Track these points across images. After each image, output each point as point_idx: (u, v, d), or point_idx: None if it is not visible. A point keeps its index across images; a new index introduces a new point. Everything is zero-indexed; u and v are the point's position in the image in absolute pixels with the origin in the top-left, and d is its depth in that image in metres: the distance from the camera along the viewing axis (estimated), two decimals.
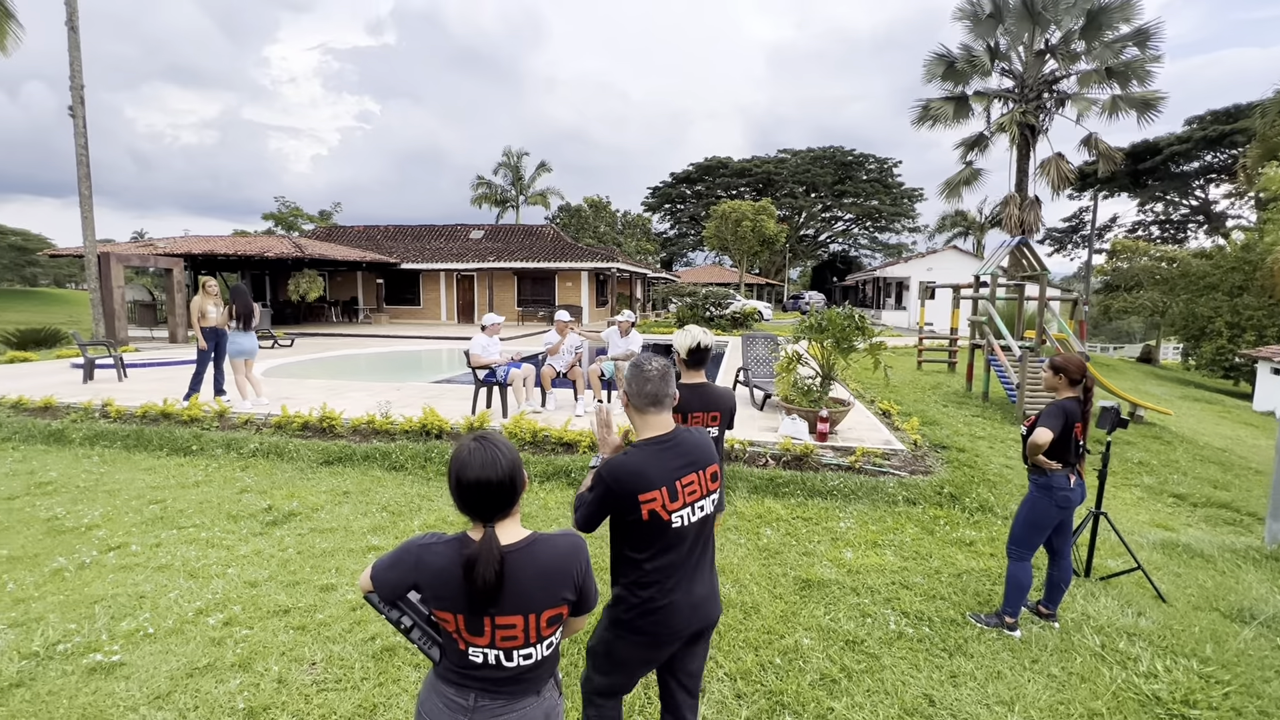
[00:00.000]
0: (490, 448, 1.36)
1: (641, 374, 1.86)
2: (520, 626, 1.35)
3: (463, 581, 1.31)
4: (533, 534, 1.41)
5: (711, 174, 58.04)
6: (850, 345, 6.25)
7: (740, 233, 35.93)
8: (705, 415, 2.94)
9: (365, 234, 28.47)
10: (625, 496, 1.73)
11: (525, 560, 1.36)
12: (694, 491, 1.81)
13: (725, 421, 2.98)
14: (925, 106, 20.43)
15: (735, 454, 5.69)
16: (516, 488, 1.38)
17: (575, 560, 1.43)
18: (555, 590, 1.38)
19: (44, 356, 12.50)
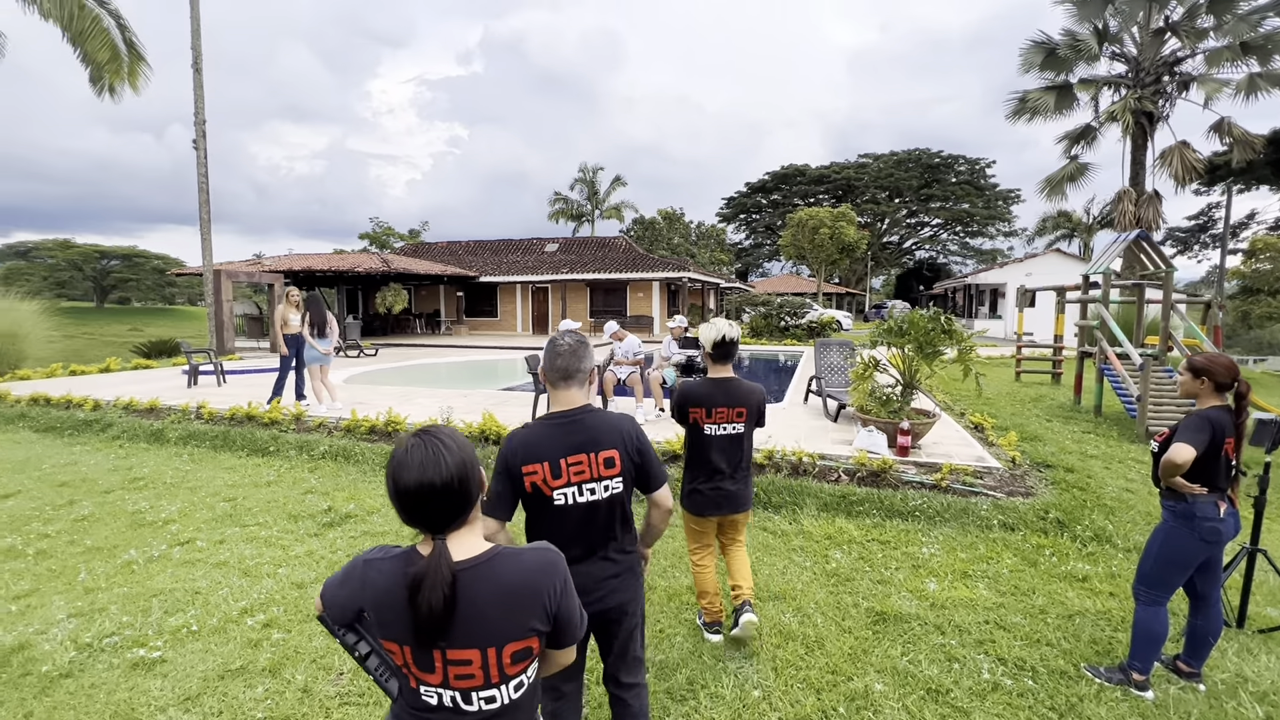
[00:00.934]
0: (432, 444, 1.13)
1: (554, 348, 1.85)
2: (477, 663, 1.11)
3: (407, 606, 1.08)
4: (495, 548, 1.18)
5: (788, 182, 56.79)
6: (935, 350, 5.64)
7: (818, 240, 34.71)
8: (730, 411, 2.83)
9: (448, 249, 29.79)
10: (513, 467, 1.73)
11: (483, 580, 1.12)
12: (581, 472, 1.76)
13: (753, 418, 2.90)
14: (1022, 99, 18.91)
15: (804, 468, 5.23)
16: (467, 492, 1.14)
17: (547, 580, 1.18)
18: (521, 618, 1.14)
19: (163, 364, 13.71)
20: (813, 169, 55.94)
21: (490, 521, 1.77)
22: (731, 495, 2.91)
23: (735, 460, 2.90)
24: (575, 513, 1.77)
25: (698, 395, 2.89)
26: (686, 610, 3.31)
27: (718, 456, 2.86)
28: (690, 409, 2.86)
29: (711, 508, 2.91)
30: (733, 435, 2.87)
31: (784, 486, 4.96)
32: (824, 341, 8.02)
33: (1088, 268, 9.29)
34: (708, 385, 2.91)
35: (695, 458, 2.91)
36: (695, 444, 2.90)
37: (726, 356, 2.93)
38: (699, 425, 2.86)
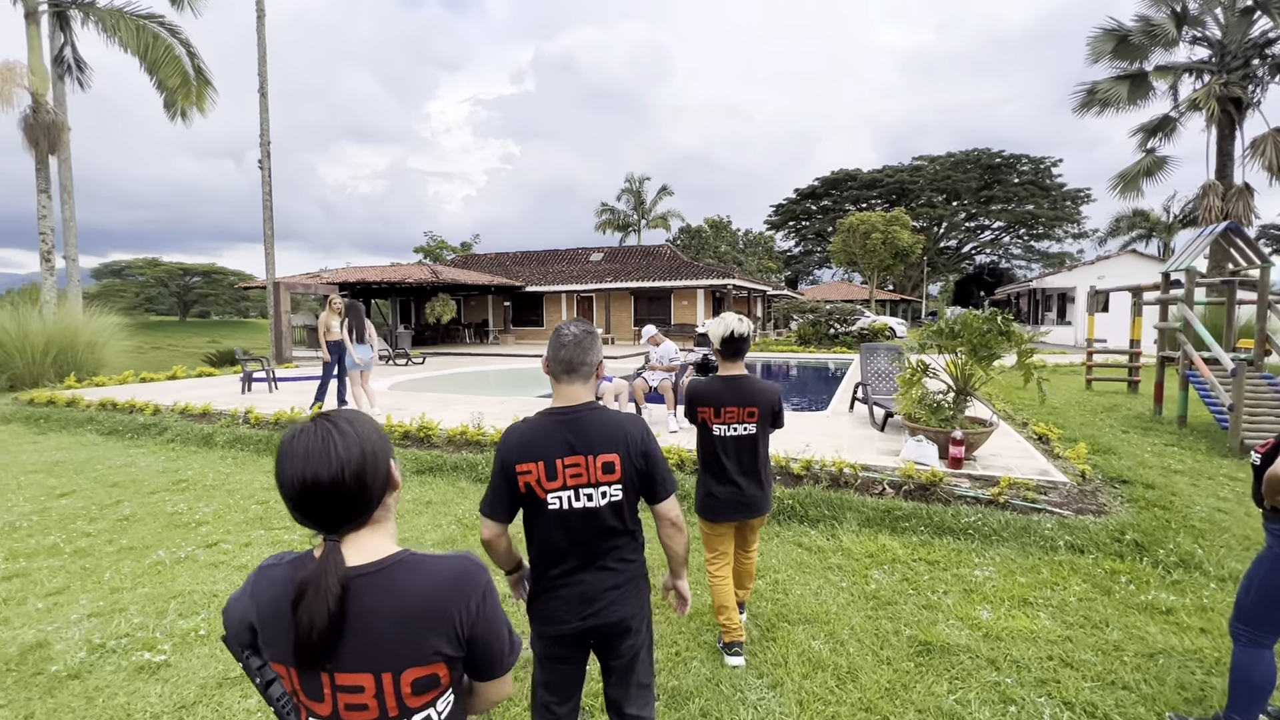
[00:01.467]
0: (324, 431, 0.96)
1: (558, 337, 1.71)
2: (370, 690, 0.93)
3: (291, 619, 0.91)
4: (401, 553, 0.99)
5: (838, 187, 55.48)
6: (991, 353, 5.19)
7: (870, 246, 33.62)
8: (740, 411, 2.70)
9: (496, 260, 30.40)
10: (508, 465, 1.62)
11: (379, 591, 0.94)
12: (577, 475, 1.61)
13: (766, 419, 2.75)
14: (1091, 90, 17.80)
15: (845, 479, 4.88)
16: (363, 488, 0.96)
17: (458, 596, 0.98)
18: (421, 639, 0.94)
19: (224, 372, 14.39)
20: (864, 173, 54.44)
21: (490, 524, 1.65)
22: (747, 500, 2.75)
23: (749, 463, 2.75)
24: (571, 519, 1.62)
25: (705, 394, 2.74)
26: (707, 631, 3.06)
27: (730, 459, 2.73)
28: (699, 408, 2.74)
29: (726, 513, 2.76)
30: (744, 436, 2.74)
31: (822, 499, 4.63)
32: (870, 346, 7.59)
33: (1168, 264, 8.50)
34: (716, 384, 2.75)
35: (707, 460, 2.79)
36: (705, 446, 2.79)
37: (737, 353, 2.76)
38: (708, 425, 2.74)
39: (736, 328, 2.74)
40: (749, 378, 2.77)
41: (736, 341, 2.73)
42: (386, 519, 1.03)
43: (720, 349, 2.76)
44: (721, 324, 2.77)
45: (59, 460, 6.77)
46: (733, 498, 2.73)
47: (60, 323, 11.98)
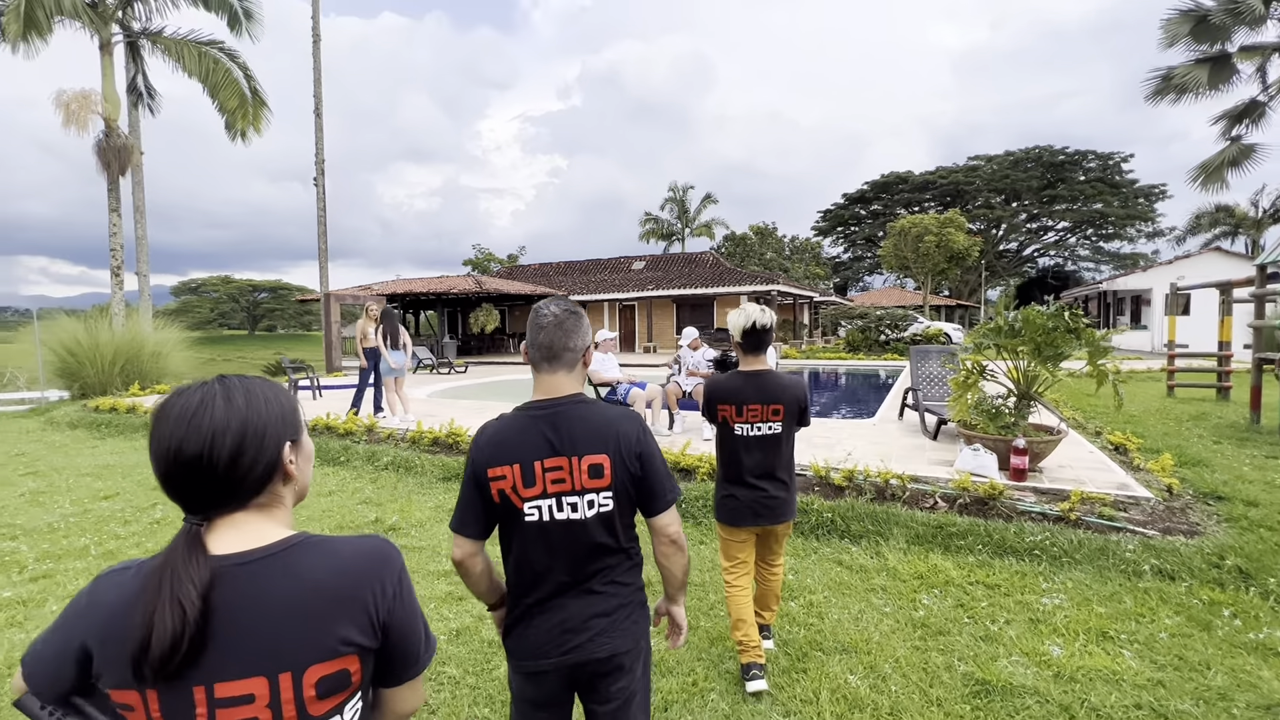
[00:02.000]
0: (206, 394, 0.82)
1: (536, 318, 1.45)
2: (263, 698, 0.76)
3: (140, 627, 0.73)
4: (298, 535, 0.85)
5: (889, 191, 53.86)
6: (1058, 353, 4.67)
7: (922, 249, 32.31)
8: (764, 408, 2.49)
9: (540, 271, 30.72)
10: (479, 470, 1.37)
11: (271, 577, 0.79)
12: (560, 481, 1.36)
13: (791, 417, 2.53)
14: (1166, 76, 16.57)
15: (892, 491, 4.45)
16: (236, 468, 0.81)
17: (372, 575, 0.85)
18: (328, 626, 0.79)
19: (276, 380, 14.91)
20: (916, 176, 52.65)
21: (462, 542, 1.40)
22: (770, 504, 2.54)
23: (772, 464, 2.54)
24: (553, 533, 1.38)
25: (725, 390, 2.55)
26: (729, 659, 2.74)
27: (752, 460, 2.53)
28: (719, 405, 2.57)
29: (747, 517, 2.55)
30: (768, 436, 2.52)
31: (866, 513, 4.22)
32: (921, 348, 7.07)
33: (1264, 256, 7.64)
34: (737, 379, 2.56)
35: (726, 460, 2.61)
36: (726, 445, 2.60)
37: (758, 346, 2.58)
38: (729, 424, 2.55)
39: (758, 319, 2.52)
40: (772, 373, 2.56)
41: (758, 333, 2.53)
42: (278, 507, 0.87)
43: (741, 342, 2.57)
44: (742, 315, 2.55)
45: (110, 464, 7.00)
46: (755, 501, 2.52)
47: (127, 334, 12.63)
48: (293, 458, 0.88)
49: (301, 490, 0.93)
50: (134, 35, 14.01)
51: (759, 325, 2.52)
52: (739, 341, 2.58)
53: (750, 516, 2.53)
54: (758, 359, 2.57)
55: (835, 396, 12.71)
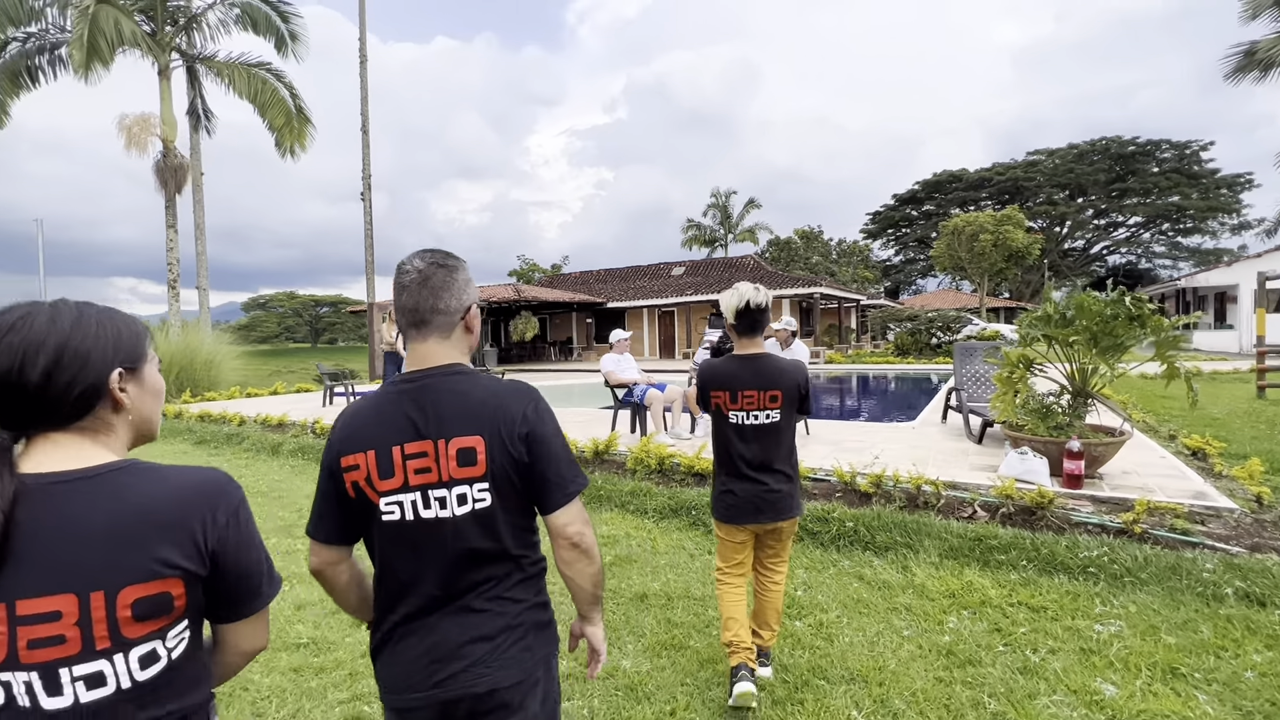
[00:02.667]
0: (31, 310, 0.81)
1: (398, 276, 1.19)
2: (72, 616, 0.73)
3: None
4: (124, 461, 0.82)
5: (942, 190, 51.85)
6: (1118, 343, 4.12)
7: (977, 248, 30.79)
8: (761, 394, 2.30)
9: (580, 279, 30.84)
10: (332, 459, 1.14)
11: (89, 497, 0.77)
12: (425, 470, 1.10)
13: (791, 404, 2.34)
14: (1249, 51, 15.24)
15: (924, 499, 4.01)
16: (49, 388, 0.79)
17: (202, 504, 0.82)
18: (146, 547, 0.77)
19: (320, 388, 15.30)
20: (971, 173, 50.50)
21: (320, 550, 1.17)
22: (771, 498, 2.33)
23: (771, 455, 2.34)
24: (418, 535, 1.12)
25: (719, 375, 2.38)
26: (718, 685, 2.41)
27: (749, 450, 2.34)
28: (712, 392, 2.39)
29: (747, 514, 2.34)
30: (766, 425, 2.33)
31: (894, 522, 3.80)
32: (966, 345, 6.50)
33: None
34: (732, 363, 2.38)
35: (722, 452, 2.42)
36: (720, 435, 2.42)
37: (754, 328, 2.37)
38: (723, 411, 2.37)
39: (752, 297, 2.32)
40: (770, 356, 2.38)
41: (753, 313, 2.33)
42: (106, 434, 0.85)
43: (735, 323, 2.37)
44: (735, 294, 2.35)
45: None
46: (754, 496, 2.32)
47: (181, 344, 13.21)
48: (125, 386, 0.85)
49: (142, 424, 0.89)
50: (190, 60, 14.80)
51: (753, 305, 2.31)
52: (733, 324, 2.38)
53: (750, 513, 2.33)
54: (753, 341, 2.37)
55: (878, 401, 12.06)
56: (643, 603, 3.18)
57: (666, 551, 3.88)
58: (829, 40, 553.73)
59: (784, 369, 2.34)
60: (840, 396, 13.00)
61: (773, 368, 2.33)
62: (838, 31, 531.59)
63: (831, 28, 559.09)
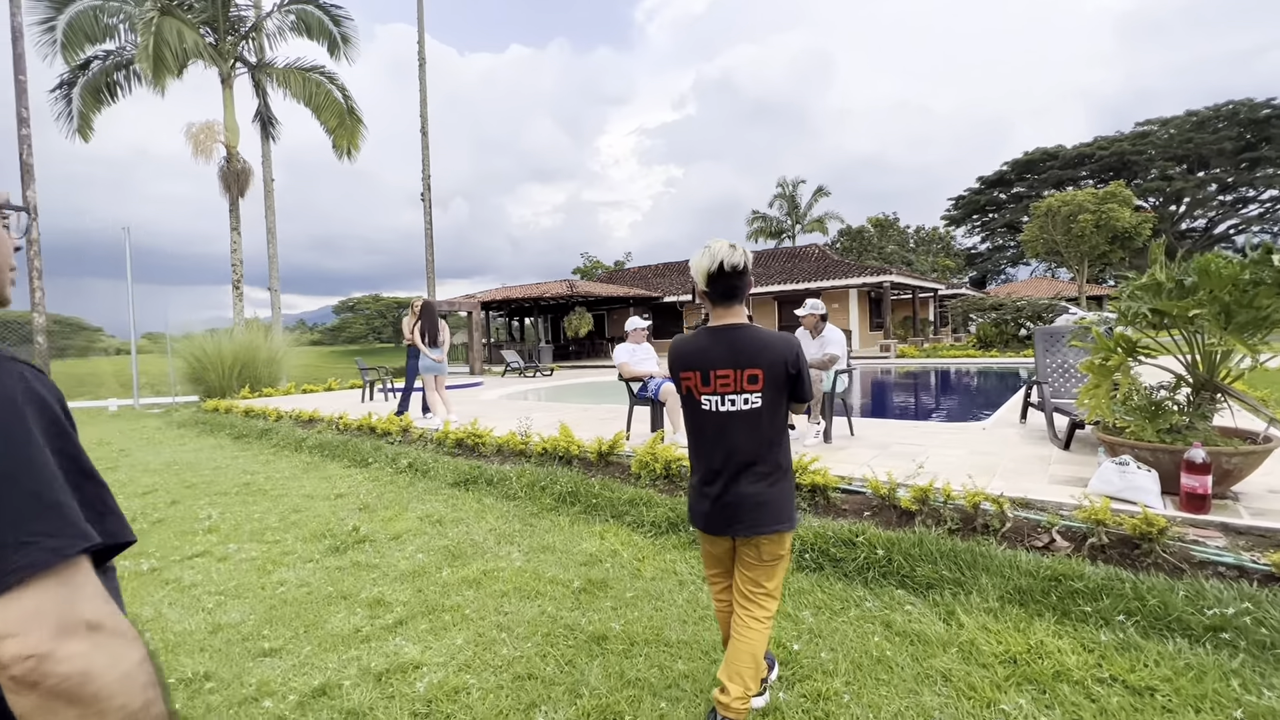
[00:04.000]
0: None
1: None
2: None
3: None
4: None
5: (1034, 169, 47.63)
6: (1261, 317, 3.05)
7: (1076, 230, 27.82)
8: (737, 374, 1.86)
9: (638, 274, 30.34)
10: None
11: None
12: None
13: (776, 386, 1.87)
14: None
15: (984, 520, 3.13)
16: None
17: None
18: None
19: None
20: (1069, 150, 46.02)
21: None
22: (747, 505, 1.88)
23: (751, 450, 1.89)
24: None
25: (688, 352, 1.95)
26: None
27: (724, 443, 1.90)
28: (681, 373, 1.97)
29: (717, 521, 1.93)
30: (745, 413, 1.87)
31: (941, 551, 2.95)
32: (1050, 330, 5.37)
33: None
34: (704, 337, 1.94)
35: (694, 444, 2.01)
36: (692, 425, 2.00)
37: (731, 294, 1.91)
38: (694, 396, 1.94)
39: (726, 257, 1.85)
40: (750, 328, 1.91)
41: (728, 277, 1.87)
42: None
43: (707, 290, 1.92)
44: (705, 254, 1.88)
45: (175, 460, 7.24)
46: (727, 499, 1.89)
47: (245, 343, 13.71)
48: None
49: None
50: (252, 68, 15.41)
51: (727, 266, 1.85)
52: (705, 290, 1.92)
53: (720, 521, 1.91)
54: (729, 310, 1.92)
55: (951, 398, 10.76)
56: (598, 646, 2.54)
57: (653, 576, 3.21)
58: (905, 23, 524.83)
59: (767, 343, 1.87)
60: (905, 394, 11.75)
61: (753, 342, 1.86)
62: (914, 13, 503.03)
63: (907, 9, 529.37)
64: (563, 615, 2.83)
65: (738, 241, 1.91)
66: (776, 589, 1.95)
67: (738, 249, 1.86)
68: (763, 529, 1.86)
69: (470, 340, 19.31)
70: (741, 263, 1.85)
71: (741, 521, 1.87)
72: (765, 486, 1.87)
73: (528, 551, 3.68)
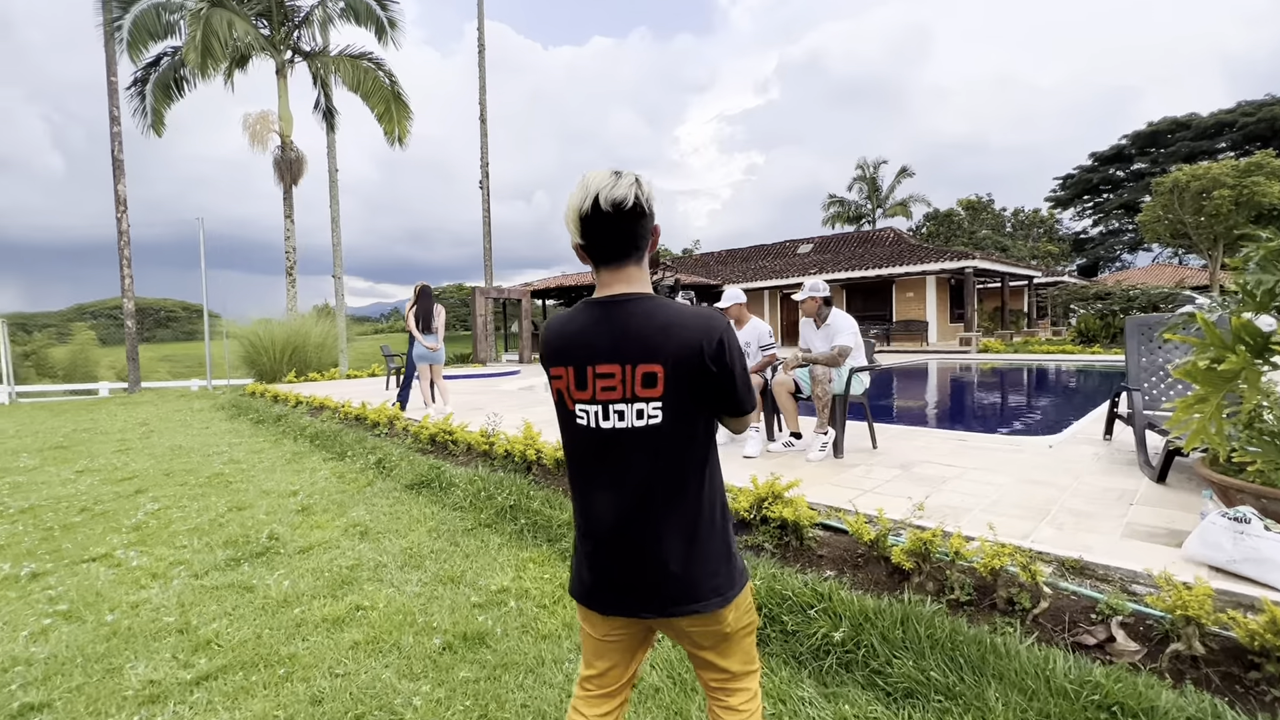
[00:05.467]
0: None
1: None
2: None
3: None
4: None
5: (1159, 142, 42.14)
6: None
7: (1210, 208, 24.10)
8: (626, 372, 1.13)
9: (700, 261, 29.25)
10: None
11: None
12: None
13: (684, 388, 1.12)
14: None
15: (1009, 597, 2.14)
16: None
17: None
18: None
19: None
20: (1203, 118, 40.26)
21: None
22: (648, 573, 1.17)
23: (647, 490, 1.16)
24: None
25: (559, 336, 1.22)
26: None
27: (607, 476, 1.19)
28: (551, 369, 1.24)
29: (606, 597, 1.23)
30: (636, 431, 1.14)
31: (933, 638, 2.02)
32: (1144, 319, 4.07)
33: None
34: (581, 315, 1.22)
35: (571, 477, 1.29)
36: (567, 446, 1.26)
37: (617, 248, 1.17)
38: (566, 405, 1.22)
39: (605, 190, 1.12)
40: (648, 302, 1.17)
41: (611, 221, 1.14)
42: None
43: (581, 242, 1.19)
44: (579, 190, 1.15)
45: (180, 445, 7.20)
46: (620, 567, 1.19)
47: (295, 327, 14.03)
48: None
49: None
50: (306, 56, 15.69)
51: (606, 203, 1.12)
52: (580, 243, 1.20)
53: (610, 597, 1.21)
54: (619, 274, 1.19)
55: (1030, 403, 9.20)
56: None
57: (550, 635, 2.47)
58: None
59: (673, 323, 1.13)
60: (971, 396, 10.24)
61: (649, 322, 1.13)
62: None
63: None
64: (400, 688, 2.15)
65: (637, 171, 1.16)
66: (748, 661, 1.28)
67: (626, 178, 1.13)
68: (680, 608, 1.16)
69: (520, 329, 19.13)
70: (630, 198, 1.12)
71: (631, 597, 1.18)
72: (680, 544, 1.16)
73: (428, 582, 3.04)
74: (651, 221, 1.19)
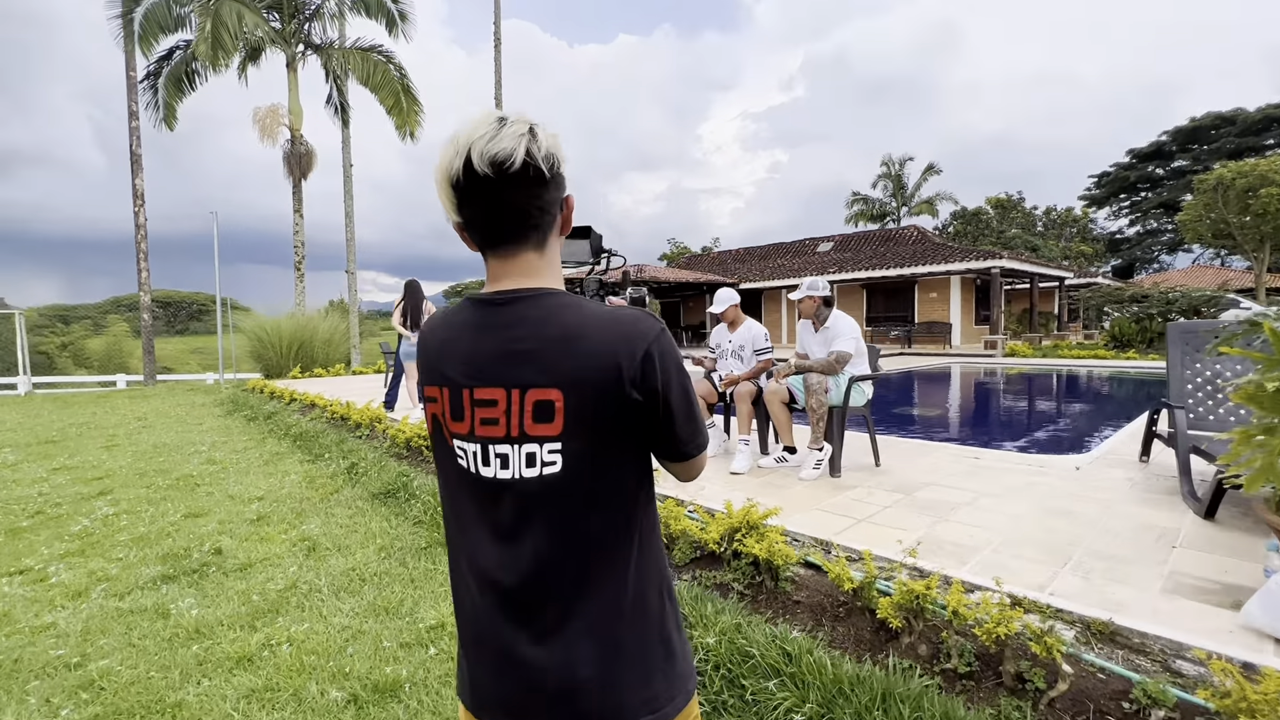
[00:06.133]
0: None
1: None
2: None
3: None
4: None
5: (1202, 139, 40.42)
6: None
7: (1257, 206, 22.85)
8: (513, 396, 0.75)
9: (716, 259, 28.72)
10: None
11: None
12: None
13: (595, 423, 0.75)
14: None
15: (1019, 672, 1.73)
16: None
17: None
18: None
19: None
20: (1250, 113, 38.46)
21: None
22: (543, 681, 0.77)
23: (542, 565, 0.77)
24: None
25: (435, 344, 0.83)
26: None
27: (491, 552, 0.79)
28: (425, 389, 0.85)
29: (490, 705, 0.82)
30: (529, 483, 0.75)
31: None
32: (1188, 325, 3.56)
33: None
34: (460, 317, 0.82)
35: (449, 536, 0.88)
36: (443, 494, 0.87)
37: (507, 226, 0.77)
38: (444, 438, 0.82)
39: (484, 146, 0.72)
40: (551, 299, 0.78)
41: (494, 188, 0.74)
42: None
43: (459, 219, 0.80)
44: (449, 145, 0.75)
45: (164, 443, 7.03)
46: (508, 672, 0.79)
47: (302, 322, 13.95)
48: None
49: None
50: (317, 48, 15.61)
51: (482, 162, 0.73)
52: (456, 220, 0.81)
53: (495, 707, 0.82)
54: (512, 262, 0.81)
55: (1059, 413, 8.61)
56: None
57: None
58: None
59: (580, 331, 0.76)
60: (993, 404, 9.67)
61: (545, 328, 0.77)
62: None
63: None
64: None
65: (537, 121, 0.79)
66: None
67: (514, 126, 0.76)
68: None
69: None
70: (518, 155, 0.74)
71: (528, 711, 0.81)
72: (592, 645, 0.79)
73: (360, 612, 2.71)
74: (557, 189, 0.82)
